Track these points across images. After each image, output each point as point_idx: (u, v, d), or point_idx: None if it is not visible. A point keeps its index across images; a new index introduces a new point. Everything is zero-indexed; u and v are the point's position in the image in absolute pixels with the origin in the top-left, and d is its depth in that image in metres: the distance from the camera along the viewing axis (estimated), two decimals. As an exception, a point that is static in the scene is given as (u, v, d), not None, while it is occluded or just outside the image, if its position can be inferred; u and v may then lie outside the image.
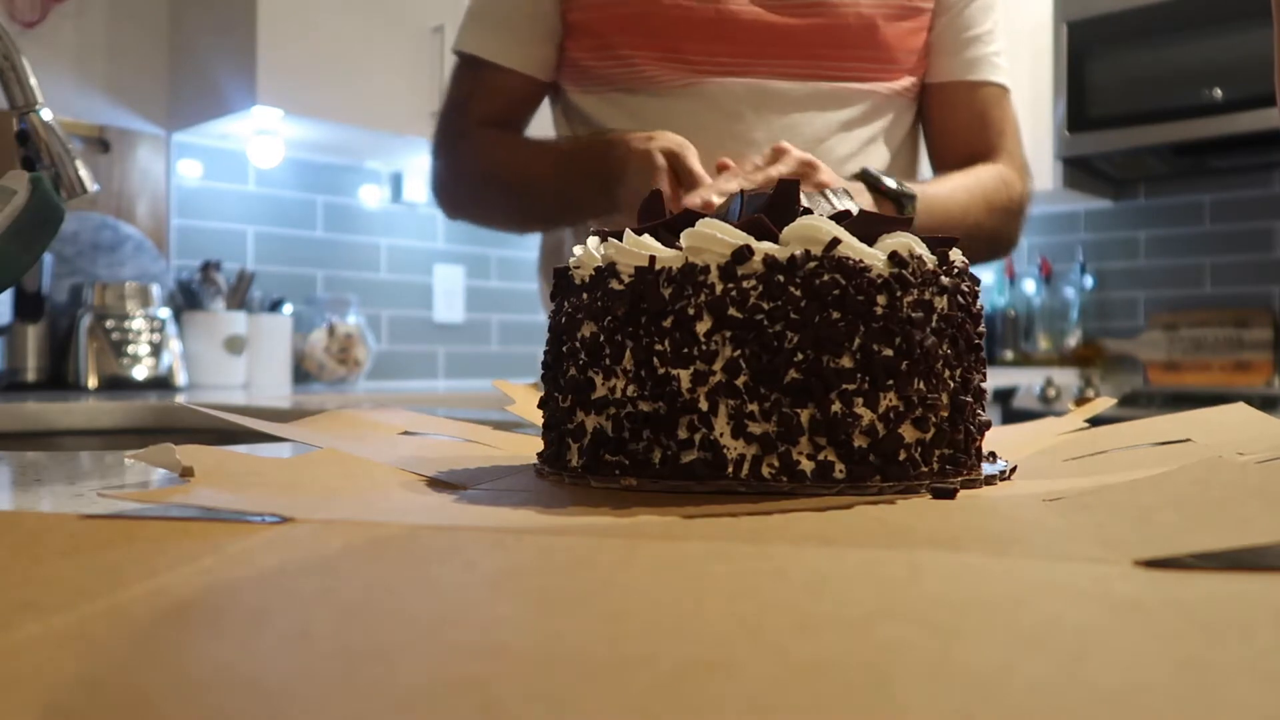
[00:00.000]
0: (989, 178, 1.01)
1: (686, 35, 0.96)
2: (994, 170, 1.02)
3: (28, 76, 0.78)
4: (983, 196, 0.99)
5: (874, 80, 1.01)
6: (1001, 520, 0.36)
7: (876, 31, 0.99)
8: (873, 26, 0.99)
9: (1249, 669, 0.19)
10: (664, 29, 0.96)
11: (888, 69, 1.01)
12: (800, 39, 0.97)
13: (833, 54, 0.99)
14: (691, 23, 0.96)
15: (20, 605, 0.23)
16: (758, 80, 0.97)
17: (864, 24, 0.98)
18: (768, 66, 0.97)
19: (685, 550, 0.30)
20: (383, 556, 0.29)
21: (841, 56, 0.99)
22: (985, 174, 1.01)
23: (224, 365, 1.99)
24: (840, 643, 0.21)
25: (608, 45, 0.98)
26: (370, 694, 0.17)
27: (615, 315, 0.43)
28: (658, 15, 0.96)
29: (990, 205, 1.00)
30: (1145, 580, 0.26)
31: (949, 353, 0.43)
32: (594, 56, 1.00)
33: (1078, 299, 2.97)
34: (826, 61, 0.99)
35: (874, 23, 0.99)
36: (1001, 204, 1.00)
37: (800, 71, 0.98)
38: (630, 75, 0.99)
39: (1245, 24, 2.35)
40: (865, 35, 0.99)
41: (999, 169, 1.03)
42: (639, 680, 0.18)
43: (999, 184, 1.01)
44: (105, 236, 1.99)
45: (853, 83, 1.00)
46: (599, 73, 1.00)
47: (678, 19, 0.96)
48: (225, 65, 1.99)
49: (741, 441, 0.41)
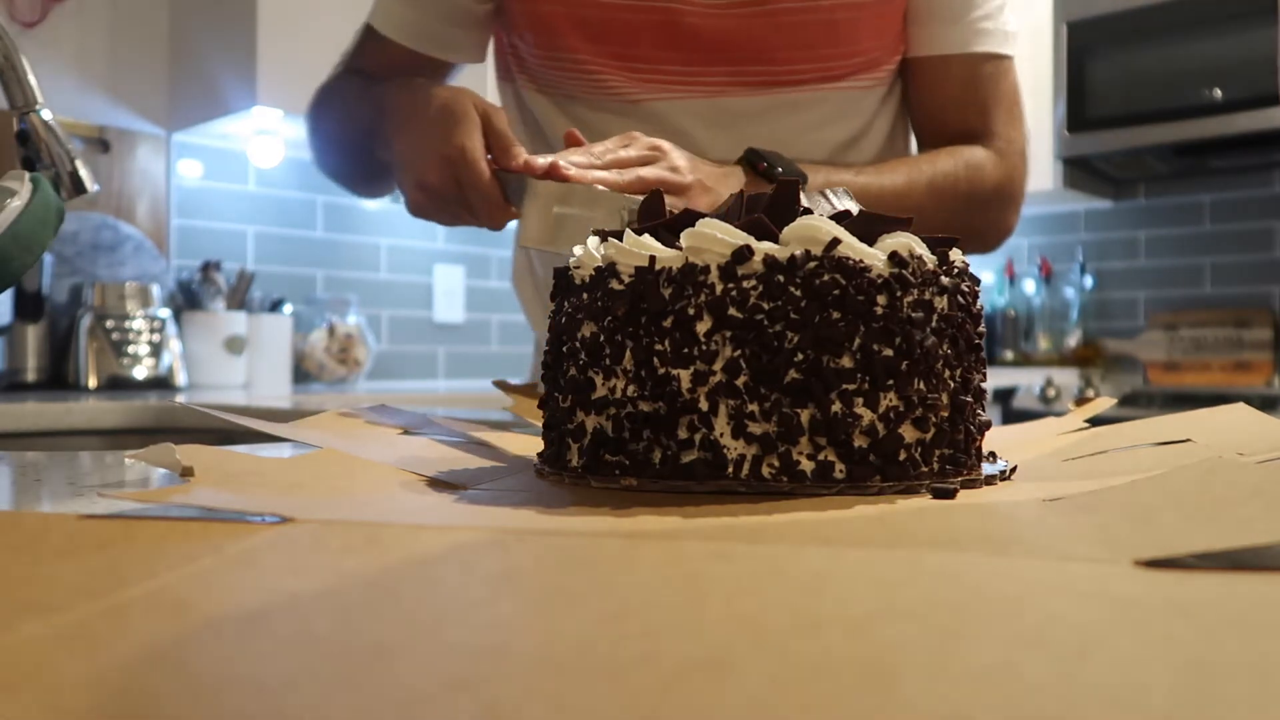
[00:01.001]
0: (946, 166, 0.88)
1: (635, 40, 0.89)
2: (959, 157, 0.90)
3: (28, 76, 0.78)
4: (928, 186, 0.87)
5: (838, 79, 0.92)
6: (1001, 520, 0.36)
7: (835, 24, 0.88)
8: (830, 20, 0.88)
9: (1249, 669, 0.19)
10: (612, 32, 0.89)
11: (854, 61, 0.91)
12: (754, 43, 0.89)
13: (788, 56, 0.90)
14: (640, 27, 0.88)
15: (21, 605, 0.23)
16: (709, 98, 0.90)
17: (821, 20, 0.88)
18: (721, 77, 0.90)
19: (685, 550, 0.30)
20: (383, 557, 0.29)
21: (797, 59, 0.90)
22: (943, 161, 0.89)
23: (224, 365, 1.99)
24: (840, 643, 0.21)
25: (555, 44, 0.91)
26: (371, 694, 0.17)
27: (615, 315, 0.43)
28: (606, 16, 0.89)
29: (937, 194, 0.87)
30: (1145, 580, 0.26)
31: (949, 353, 0.43)
32: (541, 55, 0.93)
33: (1078, 299, 2.97)
34: (783, 66, 0.90)
35: (833, 15, 0.88)
36: (961, 193, 0.88)
37: (755, 79, 0.90)
38: (579, 81, 0.92)
39: (1245, 24, 2.35)
40: (823, 30, 0.89)
41: (966, 155, 0.90)
42: (639, 680, 0.18)
43: (960, 171, 0.89)
44: (105, 236, 1.99)
45: (814, 85, 0.91)
46: (547, 74, 0.94)
47: (626, 21, 0.88)
48: (225, 65, 1.99)
49: (741, 441, 0.41)
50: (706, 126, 0.91)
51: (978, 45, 0.91)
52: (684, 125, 0.91)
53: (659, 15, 0.88)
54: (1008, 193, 0.93)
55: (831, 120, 0.93)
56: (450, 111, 0.75)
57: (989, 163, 0.91)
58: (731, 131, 0.90)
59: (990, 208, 0.92)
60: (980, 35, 0.91)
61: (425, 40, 0.95)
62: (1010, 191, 0.93)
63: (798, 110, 0.92)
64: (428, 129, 0.76)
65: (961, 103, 0.93)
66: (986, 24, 0.91)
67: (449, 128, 0.74)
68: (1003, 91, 0.93)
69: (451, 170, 0.74)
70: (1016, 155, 0.94)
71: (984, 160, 0.91)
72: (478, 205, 0.74)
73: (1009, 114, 0.94)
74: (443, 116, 0.75)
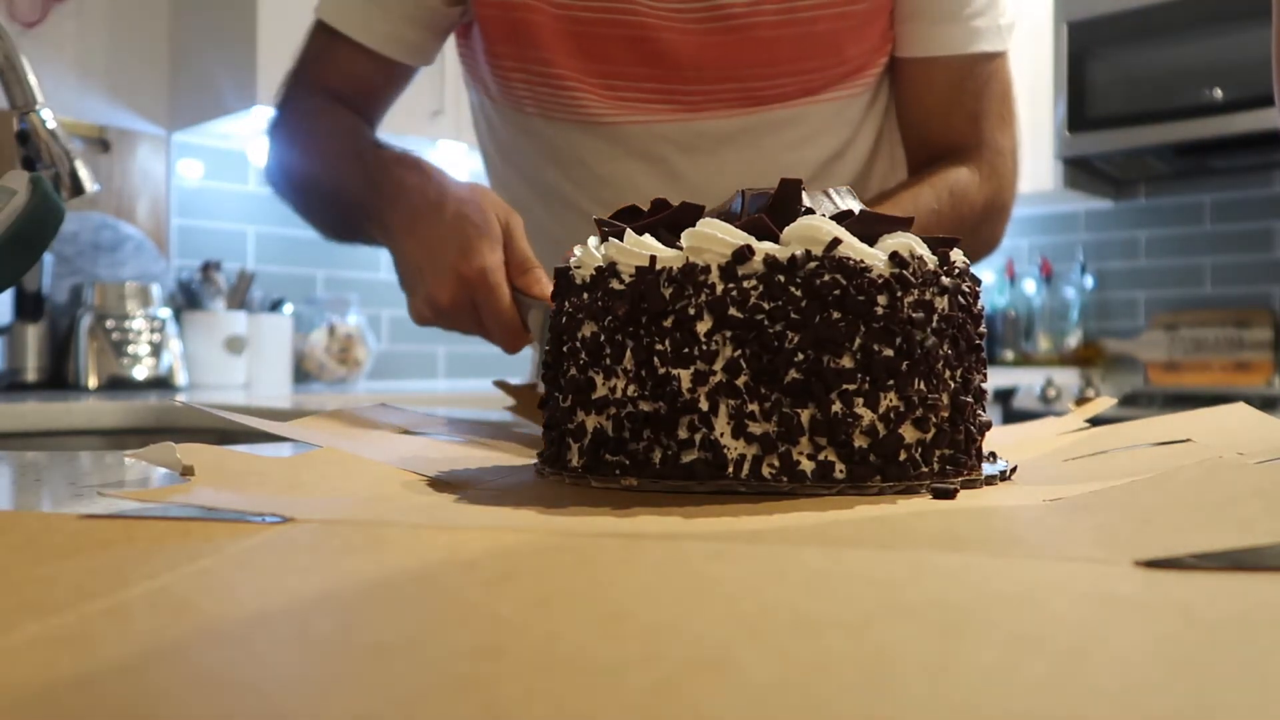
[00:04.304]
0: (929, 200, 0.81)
1: (610, 55, 0.84)
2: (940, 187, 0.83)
3: (28, 76, 0.78)
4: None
5: (819, 91, 0.86)
6: (1002, 520, 0.36)
7: (815, 36, 0.83)
8: (811, 34, 0.83)
9: (1248, 669, 0.19)
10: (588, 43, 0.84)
11: (836, 71, 0.86)
12: (728, 58, 0.84)
13: (765, 71, 0.84)
14: (615, 40, 0.83)
15: (20, 605, 0.23)
16: (684, 120, 0.85)
17: (801, 33, 0.83)
18: (698, 95, 0.85)
19: (685, 550, 0.30)
20: (383, 557, 0.29)
21: (775, 74, 0.85)
22: (925, 195, 0.82)
23: (224, 365, 1.99)
24: (840, 643, 0.21)
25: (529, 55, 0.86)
26: (370, 695, 0.17)
27: (616, 315, 0.43)
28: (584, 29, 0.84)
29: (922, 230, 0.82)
30: (1145, 580, 0.26)
31: (949, 353, 0.43)
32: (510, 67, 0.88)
33: (1078, 299, 2.98)
34: (762, 82, 0.85)
35: (813, 28, 0.83)
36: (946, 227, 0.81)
37: (733, 96, 0.85)
38: (550, 96, 0.87)
39: (1245, 24, 2.35)
40: (803, 43, 0.83)
41: (950, 181, 0.84)
42: (639, 680, 0.18)
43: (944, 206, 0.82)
44: (105, 236, 1.99)
45: (793, 100, 0.86)
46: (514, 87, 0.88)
47: (603, 35, 0.83)
48: (225, 65, 1.99)
49: (742, 441, 0.41)
50: (682, 151, 0.87)
51: (971, 46, 0.85)
52: (659, 150, 0.87)
53: (634, 30, 0.83)
54: (996, 207, 0.88)
55: (813, 137, 0.89)
56: (469, 222, 0.68)
57: (974, 183, 0.85)
58: (709, 156, 0.86)
59: (980, 229, 0.87)
60: (973, 34, 0.85)
61: (389, 42, 0.88)
62: (999, 205, 0.89)
63: (777, 129, 0.87)
64: (443, 238, 0.68)
65: (951, 108, 0.88)
66: (978, 21, 0.85)
67: (468, 242, 0.67)
68: (994, 93, 0.88)
69: (469, 292, 0.67)
70: (1006, 164, 0.89)
71: (969, 183, 0.85)
72: (494, 331, 0.68)
73: (1000, 118, 0.89)
74: (460, 225, 0.68)
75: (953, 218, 0.82)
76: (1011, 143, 0.89)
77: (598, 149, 0.87)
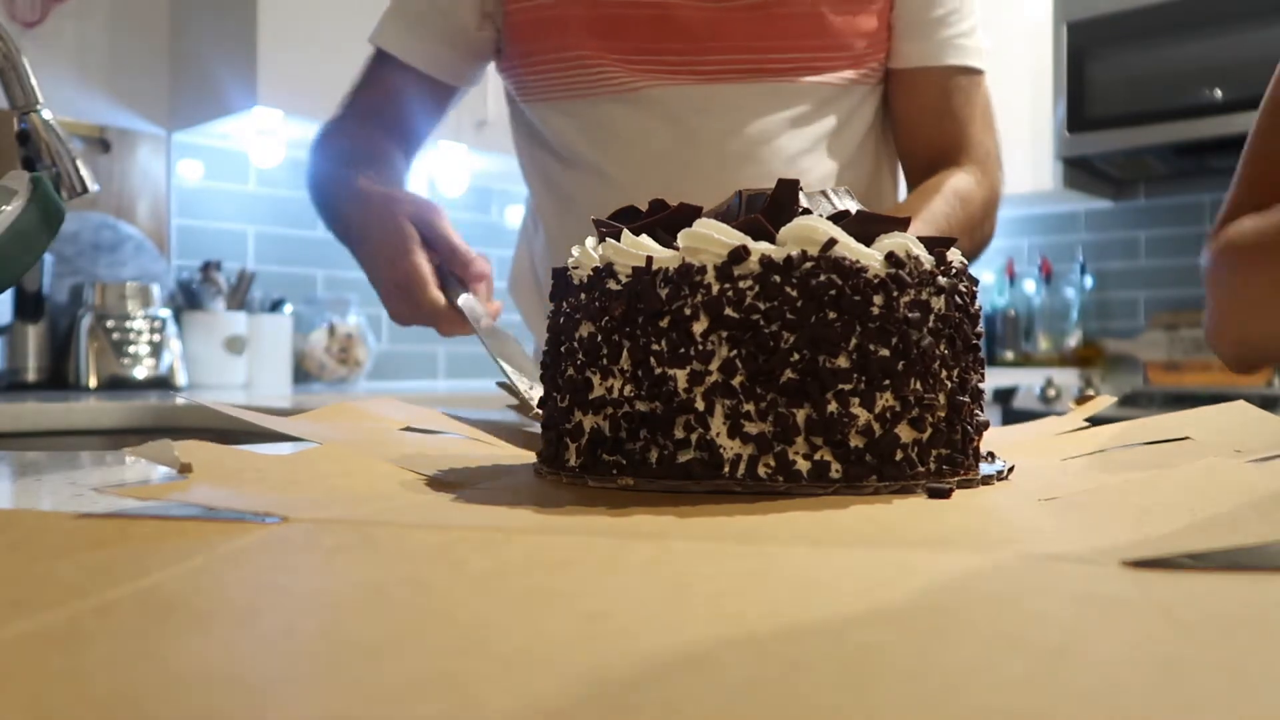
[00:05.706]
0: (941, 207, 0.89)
1: (634, 34, 0.94)
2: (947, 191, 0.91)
3: (28, 76, 0.78)
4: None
5: (823, 71, 0.97)
6: (994, 520, 0.36)
7: (823, 19, 0.95)
8: (818, 14, 0.94)
9: (1226, 668, 0.19)
10: (615, 27, 0.95)
11: (837, 58, 0.97)
12: (744, 32, 0.94)
13: (777, 45, 0.95)
14: (639, 21, 0.94)
15: (11, 603, 0.23)
16: (702, 84, 0.95)
17: (808, 12, 0.94)
18: (714, 65, 0.95)
19: (674, 550, 0.30)
20: (374, 556, 0.29)
21: (786, 48, 0.95)
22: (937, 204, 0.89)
23: (224, 365, 1.99)
24: (820, 643, 0.21)
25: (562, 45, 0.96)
26: (351, 691, 0.18)
27: (613, 315, 0.43)
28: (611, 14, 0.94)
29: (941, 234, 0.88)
30: (1133, 580, 0.26)
31: (946, 353, 0.43)
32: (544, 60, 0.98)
33: (1078, 299, 2.97)
34: (772, 55, 0.95)
35: (819, 10, 0.94)
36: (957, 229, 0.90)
37: (746, 68, 0.95)
38: (581, 77, 0.97)
39: (1245, 24, 2.34)
40: (811, 24, 0.95)
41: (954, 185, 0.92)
42: (617, 678, 0.18)
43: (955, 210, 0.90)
44: (105, 236, 1.99)
45: (800, 76, 0.96)
46: (549, 79, 0.99)
47: (628, 17, 0.94)
48: (226, 65, 1.99)
49: (738, 441, 0.41)
50: (698, 112, 0.96)
51: (951, 59, 0.98)
52: (679, 110, 0.96)
53: (656, 10, 0.94)
54: (992, 204, 0.98)
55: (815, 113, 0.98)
56: (388, 232, 0.79)
57: (973, 183, 0.96)
58: (722, 118, 0.96)
59: (982, 226, 0.97)
60: (954, 50, 0.98)
61: (427, 60, 1.01)
62: (994, 201, 0.99)
63: (784, 99, 0.97)
64: (373, 255, 0.81)
65: (939, 112, 0.99)
66: (961, 41, 0.98)
67: (390, 253, 0.78)
68: (978, 103, 1.00)
69: (406, 295, 0.78)
70: (994, 163, 1.00)
71: (969, 185, 0.95)
72: (435, 324, 0.78)
73: (984, 123, 1.00)
74: (384, 239, 0.79)
75: (963, 219, 0.92)
76: (996, 148, 1.02)
77: (625, 114, 0.97)
